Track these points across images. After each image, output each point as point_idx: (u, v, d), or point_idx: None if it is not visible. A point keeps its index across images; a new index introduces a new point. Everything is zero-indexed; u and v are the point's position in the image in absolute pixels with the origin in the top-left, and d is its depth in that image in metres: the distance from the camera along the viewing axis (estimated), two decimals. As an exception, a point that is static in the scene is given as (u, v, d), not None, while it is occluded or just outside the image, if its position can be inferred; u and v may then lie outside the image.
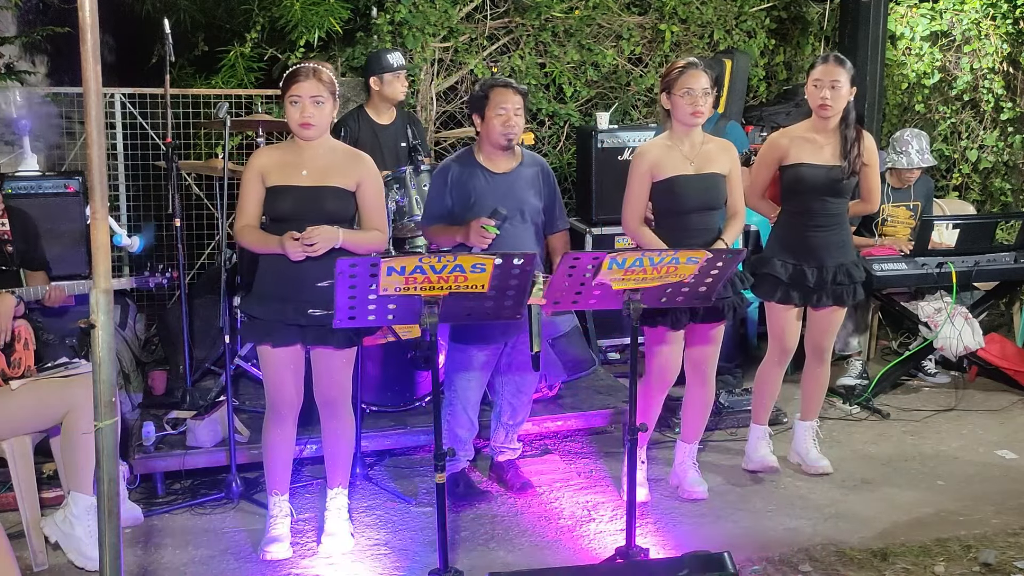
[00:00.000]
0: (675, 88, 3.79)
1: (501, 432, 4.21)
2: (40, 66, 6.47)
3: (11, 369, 3.55)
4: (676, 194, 3.82)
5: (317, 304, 3.32)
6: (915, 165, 5.35)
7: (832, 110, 3.99)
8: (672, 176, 3.81)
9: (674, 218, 3.85)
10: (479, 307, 3.01)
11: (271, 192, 3.42)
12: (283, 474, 3.64)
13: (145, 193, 5.89)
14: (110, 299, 2.33)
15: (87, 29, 2.18)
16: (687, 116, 3.80)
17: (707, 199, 3.85)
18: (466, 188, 3.83)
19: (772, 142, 4.15)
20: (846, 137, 4.04)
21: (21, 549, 3.47)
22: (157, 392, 4.73)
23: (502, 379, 4.09)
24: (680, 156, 3.84)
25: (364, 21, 6.18)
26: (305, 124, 3.37)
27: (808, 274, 4.08)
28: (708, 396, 4.13)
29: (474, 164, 3.87)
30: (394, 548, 3.69)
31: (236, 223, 3.48)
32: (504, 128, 3.76)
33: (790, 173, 4.07)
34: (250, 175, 3.44)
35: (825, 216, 4.09)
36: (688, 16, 6.79)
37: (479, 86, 3.88)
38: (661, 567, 3.14)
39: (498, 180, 3.85)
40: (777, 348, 4.28)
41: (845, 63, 4.01)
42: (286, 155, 3.47)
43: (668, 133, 3.91)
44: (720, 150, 3.92)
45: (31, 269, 3.91)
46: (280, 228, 3.40)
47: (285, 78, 3.42)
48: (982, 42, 6.71)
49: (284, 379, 3.49)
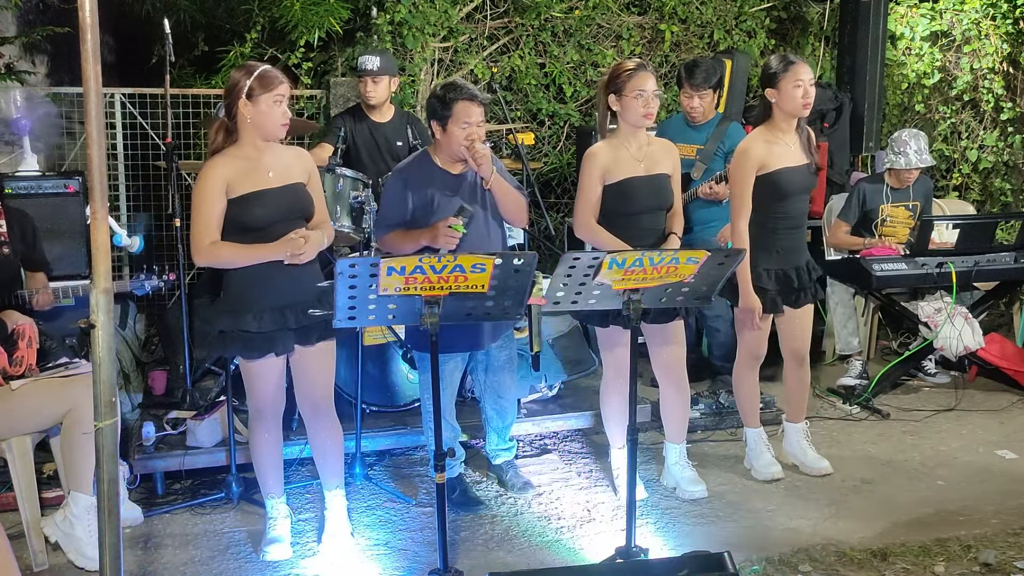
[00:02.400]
0: (626, 90, 3.77)
1: (493, 436, 4.22)
2: (40, 66, 6.46)
3: (13, 367, 3.54)
4: (629, 196, 3.81)
5: (317, 304, 3.32)
6: (913, 165, 5.35)
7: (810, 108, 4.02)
8: (625, 178, 3.81)
9: (625, 219, 3.84)
10: (479, 307, 3.01)
11: (242, 201, 3.30)
12: (276, 477, 3.64)
13: (145, 193, 5.90)
14: (110, 299, 2.33)
15: (87, 29, 2.18)
16: (639, 118, 3.79)
17: (658, 200, 3.87)
18: (427, 193, 3.76)
19: (746, 153, 4.01)
20: (803, 133, 4.08)
21: (21, 549, 3.47)
22: (157, 392, 4.73)
23: (481, 385, 4.09)
24: (630, 157, 3.84)
25: (364, 21, 6.18)
26: (287, 124, 3.36)
27: (792, 276, 4.09)
28: (683, 396, 4.09)
29: (431, 166, 3.80)
30: (394, 548, 3.69)
31: (198, 243, 3.27)
32: (468, 142, 3.67)
33: (770, 180, 4.00)
34: (211, 187, 3.27)
35: (800, 216, 4.14)
36: (688, 16, 6.79)
37: (441, 94, 3.72)
38: (661, 567, 3.14)
39: (456, 179, 3.80)
40: (750, 356, 4.24)
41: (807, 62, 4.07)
42: (247, 161, 3.35)
43: (615, 135, 3.89)
44: (664, 151, 3.94)
45: (30, 270, 3.91)
46: (250, 237, 3.32)
47: (265, 77, 3.29)
48: (982, 42, 6.72)
49: (272, 384, 3.48)
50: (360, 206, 4.38)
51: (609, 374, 4.02)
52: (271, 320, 3.36)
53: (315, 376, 3.53)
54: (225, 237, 3.32)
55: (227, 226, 3.33)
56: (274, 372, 3.46)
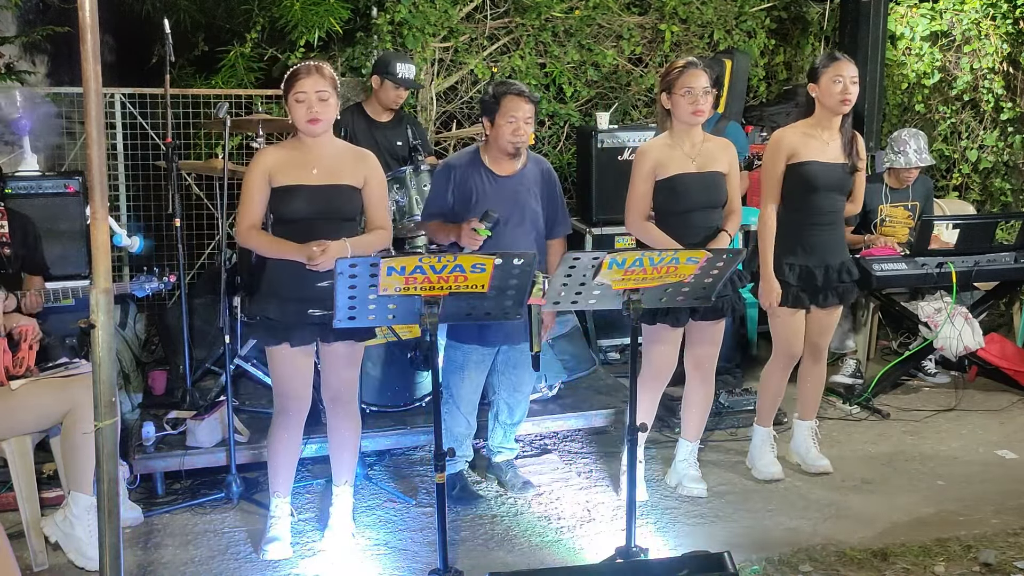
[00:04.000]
0: (675, 88, 3.81)
1: (499, 431, 4.21)
2: (40, 66, 6.46)
3: (14, 368, 3.54)
4: (679, 192, 3.82)
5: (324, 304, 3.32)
6: (912, 164, 5.35)
7: (852, 105, 4.00)
8: (676, 174, 3.83)
9: (676, 216, 3.86)
10: (479, 307, 3.01)
11: (281, 192, 3.39)
12: (287, 476, 3.65)
13: (145, 193, 5.89)
14: (110, 299, 2.34)
15: (87, 29, 2.18)
16: (688, 115, 3.81)
17: (709, 197, 3.87)
18: (468, 188, 3.83)
19: (779, 140, 4.08)
20: (847, 134, 4.06)
21: (21, 549, 3.47)
22: (157, 392, 4.73)
23: (499, 378, 4.09)
24: (682, 155, 3.85)
25: (364, 21, 6.18)
26: (313, 120, 3.36)
27: (816, 274, 4.07)
28: (709, 395, 4.15)
29: (479, 164, 3.86)
30: (394, 548, 3.69)
31: (240, 224, 3.43)
32: (513, 136, 3.76)
33: (799, 171, 4.02)
34: (256, 175, 3.40)
35: (831, 213, 4.09)
36: (688, 16, 6.79)
37: (492, 90, 3.85)
38: (661, 567, 3.14)
39: (501, 183, 3.84)
40: (784, 354, 4.22)
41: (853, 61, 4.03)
42: (293, 154, 3.44)
43: (668, 133, 3.92)
44: (720, 148, 3.94)
45: (30, 273, 3.90)
46: (289, 228, 3.38)
47: (288, 76, 3.40)
48: (982, 42, 6.71)
49: (299, 378, 3.50)
50: None
51: (647, 372, 3.98)
52: (294, 311, 3.39)
53: (338, 368, 3.55)
54: (273, 226, 3.45)
55: (272, 214, 3.45)
56: (293, 364, 3.46)
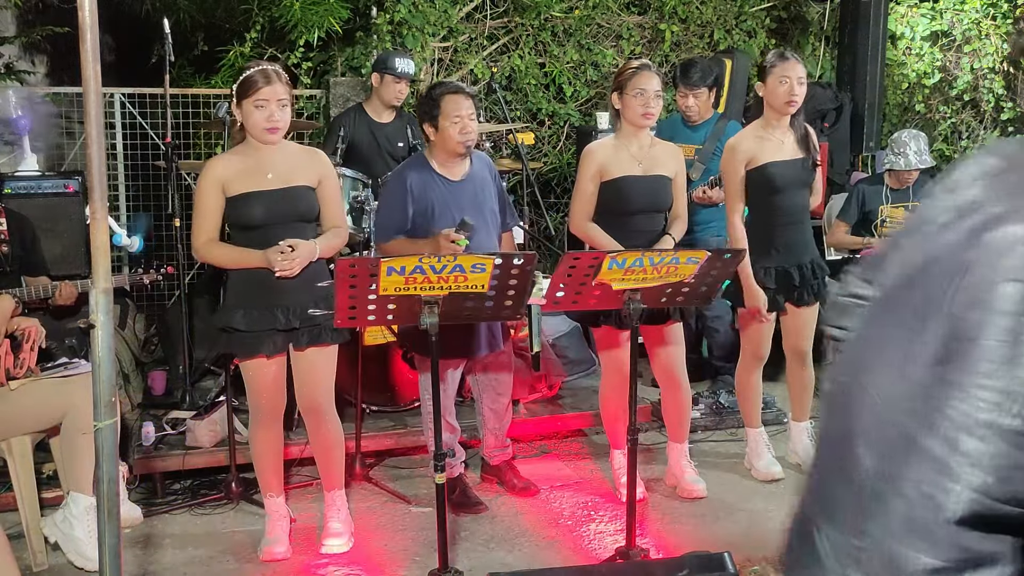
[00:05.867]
0: (627, 88, 3.79)
1: (490, 437, 4.20)
2: (40, 66, 6.47)
3: (15, 369, 3.54)
4: (623, 194, 3.81)
5: (316, 304, 3.31)
6: (912, 166, 5.34)
7: (798, 106, 3.99)
8: (620, 176, 3.81)
9: (619, 218, 3.84)
10: (479, 307, 3.00)
11: (237, 200, 3.33)
12: (276, 476, 3.64)
13: (145, 193, 5.89)
14: (110, 299, 2.33)
15: (87, 29, 2.18)
16: (638, 117, 3.80)
17: (654, 200, 3.86)
18: (427, 199, 3.74)
19: (734, 147, 4.04)
20: (799, 129, 4.05)
21: (21, 550, 3.46)
22: (157, 392, 4.73)
23: (478, 385, 4.07)
24: (628, 157, 3.84)
25: (364, 21, 6.17)
26: (272, 128, 3.31)
27: (792, 273, 4.06)
28: (683, 396, 4.07)
29: (430, 171, 3.77)
30: (394, 548, 3.69)
31: (196, 238, 3.35)
32: (461, 135, 3.68)
33: (760, 174, 4.00)
34: (209, 186, 3.32)
35: (796, 211, 4.09)
36: (688, 16, 6.78)
37: (427, 94, 3.77)
38: (661, 567, 3.14)
39: (457, 188, 3.78)
40: (752, 355, 4.23)
41: (801, 61, 4.03)
42: (245, 160, 3.37)
43: (616, 134, 3.91)
44: (668, 153, 3.93)
45: (31, 275, 3.89)
46: (249, 236, 3.35)
47: (244, 81, 3.29)
48: (982, 42, 6.72)
49: (272, 385, 3.48)
50: (360, 206, 4.38)
51: (605, 374, 4.02)
52: (260, 319, 3.35)
53: (310, 377, 3.50)
54: (231, 234, 3.40)
55: (229, 223, 3.39)
56: (267, 371, 3.45)
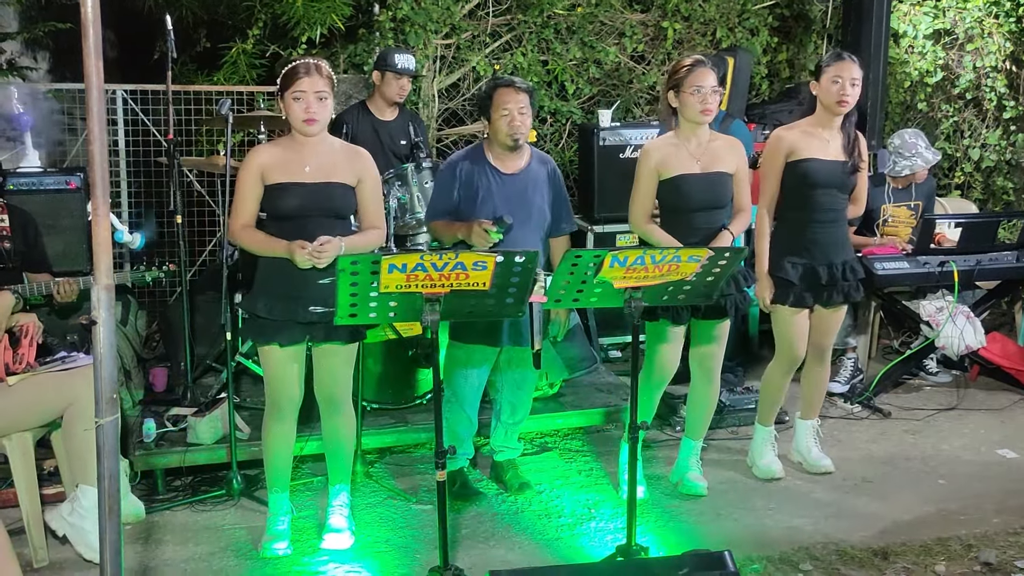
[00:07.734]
0: (684, 86, 3.78)
1: (501, 431, 4.20)
2: (42, 62, 6.47)
3: (14, 365, 3.54)
4: (682, 192, 3.81)
5: (326, 302, 3.32)
6: (931, 162, 5.33)
7: (849, 107, 3.98)
8: (678, 175, 3.81)
9: (680, 216, 3.85)
10: (481, 305, 3.00)
11: (274, 189, 3.40)
12: (283, 471, 3.65)
13: (147, 190, 5.89)
14: (111, 296, 2.33)
15: (89, 25, 2.18)
16: (697, 114, 3.79)
17: (713, 198, 3.84)
18: (474, 186, 3.81)
19: (778, 138, 4.07)
20: (849, 134, 4.05)
21: (21, 546, 3.47)
22: (158, 389, 4.73)
23: (502, 377, 4.08)
24: (687, 154, 3.84)
25: (366, 18, 6.17)
26: (310, 120, 3.36)
27: (820, 272, 4.04)
28: (713, 394, 4.13)
29: (484, 162, 3.84)
30: (394, 546, 3.69)
31: (233, 223, 3.45)
32: (510, 129, 3.74)
33: (799, 168, 4.00)
34: (249, 173, 3.41)
35: (832, 211, 4.06)
36: (691, 13, 6.78)
37: (483, 87, 3.84)
38: (661, 565, 3.14)
39: (506, 181, 3.83)
40: (786, 357, 4.19)
41: (857, 62, 4.01)
42: (287, 152, 3.44)
43: (675, 131, 3.90)
44: (727, 148, 3.91)
45: (32, 271, 3.89)
46: (282, 226, 3.39)
47: (285, 74, 3.38)
48: (985, 40, 6.71)
49: (289, 377, 3.49)
50: None
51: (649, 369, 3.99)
52: (282, 309, 3.39)
53: (329, 370, 3.55)
54: (266, 222, 3.46)
55: (266, 211, 3.46)
56: (290, 366, 3.47)
